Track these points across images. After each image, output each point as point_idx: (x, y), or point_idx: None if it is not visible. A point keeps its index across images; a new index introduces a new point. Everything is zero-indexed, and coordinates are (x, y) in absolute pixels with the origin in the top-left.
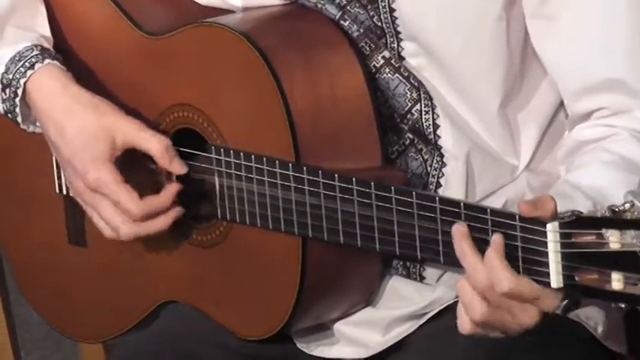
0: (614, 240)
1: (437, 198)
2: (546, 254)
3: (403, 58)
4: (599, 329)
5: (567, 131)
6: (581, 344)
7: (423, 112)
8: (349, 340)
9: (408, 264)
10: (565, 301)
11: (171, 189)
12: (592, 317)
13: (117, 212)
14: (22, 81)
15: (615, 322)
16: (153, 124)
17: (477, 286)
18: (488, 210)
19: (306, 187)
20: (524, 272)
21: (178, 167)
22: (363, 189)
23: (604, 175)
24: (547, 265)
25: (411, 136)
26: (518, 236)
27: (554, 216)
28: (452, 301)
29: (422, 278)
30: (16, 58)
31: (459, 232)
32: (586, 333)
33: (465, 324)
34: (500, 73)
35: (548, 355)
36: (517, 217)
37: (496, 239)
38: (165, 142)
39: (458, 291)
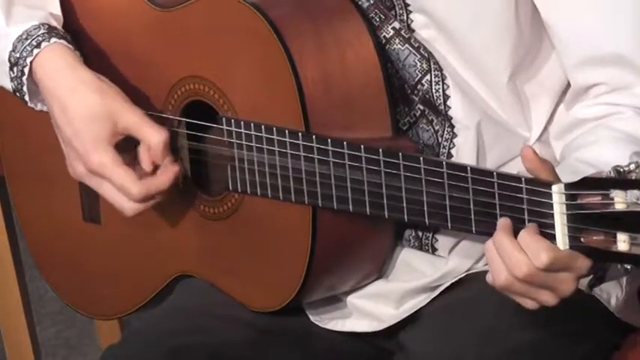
0: (619, 200)
1: (444, 163)
2: (552, 216)
3: (413, 30)
4: (613, 302)
5: (565, 108)
6: (596, 317)
7: (434, 83)
8: (362, 313)
9: (420, 235)
10: (590, 277)
11: (169, 171)
12: (605, 290)
13: (119, 193)
14: (28, 60)
15: (630, 295)
16: (164, 97)
17: (516, 272)
18: (495, 173)
19: (315, 156)
20: None
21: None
22: (371, 156)
23: (615, 150)
24: (553, 226)
25: (421, 107)
26: (524, 199)
27: (553, 176)
28: (464, 274)
29: (434, 250)
30: (23, 37)
31: (502, 224)
32: (601, 306)
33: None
34: (509, 45)
35: (564, 329)
36: (523, 179)
37: (531, 226)
38: (163, 138)
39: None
